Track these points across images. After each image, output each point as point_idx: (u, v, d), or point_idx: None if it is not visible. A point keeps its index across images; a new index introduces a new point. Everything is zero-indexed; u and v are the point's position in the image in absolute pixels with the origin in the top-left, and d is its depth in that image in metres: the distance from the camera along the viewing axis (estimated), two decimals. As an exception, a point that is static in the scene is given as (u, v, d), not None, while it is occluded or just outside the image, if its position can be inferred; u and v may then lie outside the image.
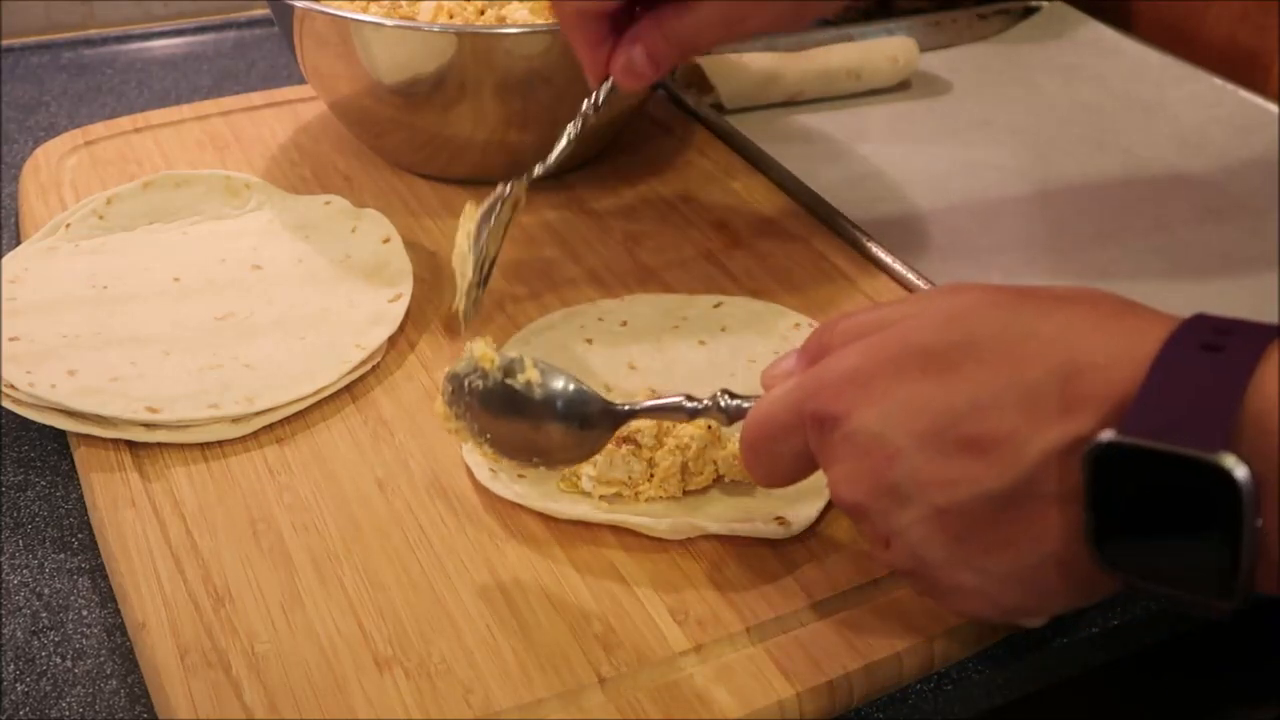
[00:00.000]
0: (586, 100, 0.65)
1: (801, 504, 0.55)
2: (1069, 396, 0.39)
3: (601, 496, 0.55)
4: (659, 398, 0.53)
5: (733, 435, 0.55)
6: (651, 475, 0.55)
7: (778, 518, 0.54)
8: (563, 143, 0.66)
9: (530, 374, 0.52)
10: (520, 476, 0.56)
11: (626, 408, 0.53)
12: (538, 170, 0.67)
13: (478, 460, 0.56)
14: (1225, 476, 0.35)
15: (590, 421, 0.52)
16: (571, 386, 0.53)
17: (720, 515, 0.55)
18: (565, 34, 0.63)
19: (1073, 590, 0.42)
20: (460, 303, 0.65)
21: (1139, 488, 0.37)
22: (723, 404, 0.51)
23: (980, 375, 0.40)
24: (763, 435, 0.47)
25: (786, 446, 0.46)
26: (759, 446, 0.47)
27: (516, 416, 0.52)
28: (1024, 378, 0.39)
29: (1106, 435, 0.37)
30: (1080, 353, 0.39)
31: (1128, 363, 0.38)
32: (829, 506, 0.55)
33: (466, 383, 0.53)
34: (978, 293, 0.43)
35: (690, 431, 0.55)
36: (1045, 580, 0.41)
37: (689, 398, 0.52)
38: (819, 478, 0.55)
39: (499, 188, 0.66)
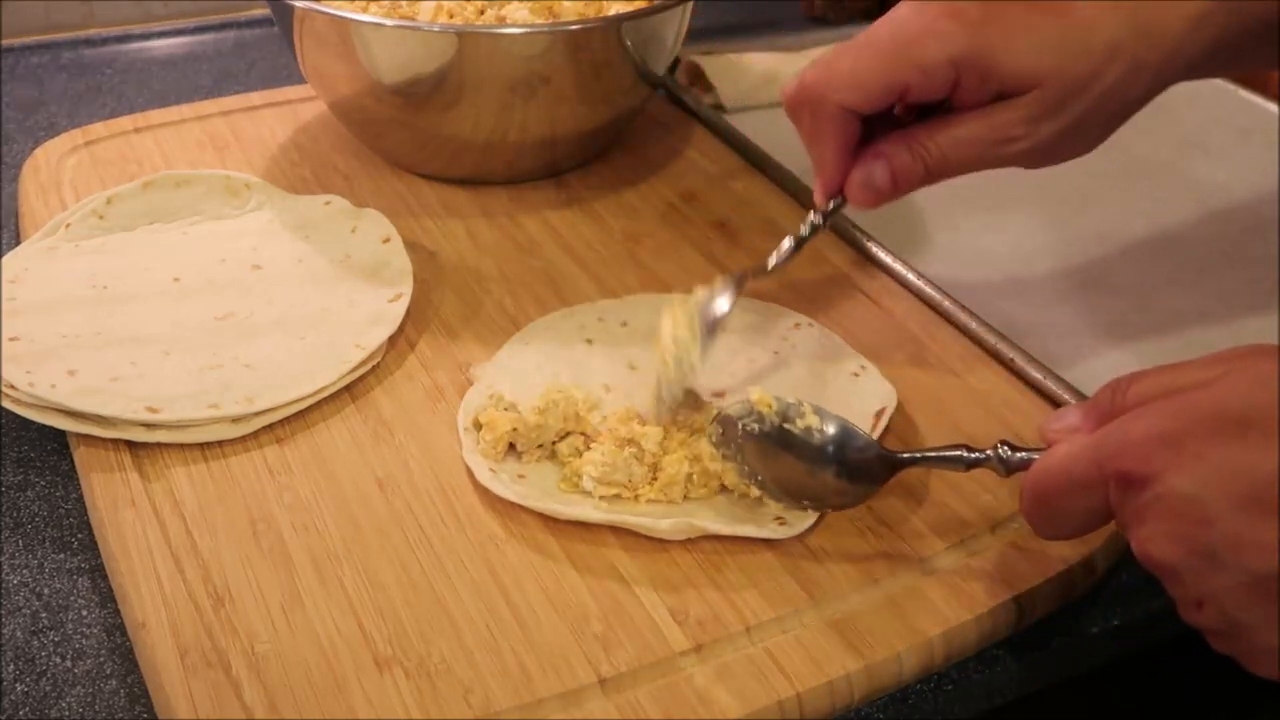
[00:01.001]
0: (810, 214, 0.62)
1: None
2: None
3: (601, 497, 0.55)
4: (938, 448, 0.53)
5: None
6: (654, 479, 0.55)
7: (778, 518, 0.54)
8: (786, 246, 0.62)
9: (810, 419, 0.54)
10: (520, 477, 0.56)
11: (905, 455, 0.54)
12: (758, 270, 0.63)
13: (478, 460, 0.56)
14: None
15: (866, 467, 0.54)
16: (850, 432, 0.54)
17: (720, 516, 0.55)
18: (808, 140, 0.59)
19: None
20: (666, 396, 0.59)
21: None
22: (1003, 455, 0.51)
23: None
24: (1055, 490, 0.46)
25: (1081, 503, 0.46)
26: (1050, 501, 0.47)
27: (792, 459, 0.54)
28: None
29: None
30: None
31: None
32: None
33: (741, 425, 0.54)
34: None
35: (705, 447, 0.56)
36: None
37: (969, 448, 0.52)
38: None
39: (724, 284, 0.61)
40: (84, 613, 0.53)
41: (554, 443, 0.58)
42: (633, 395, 0.61)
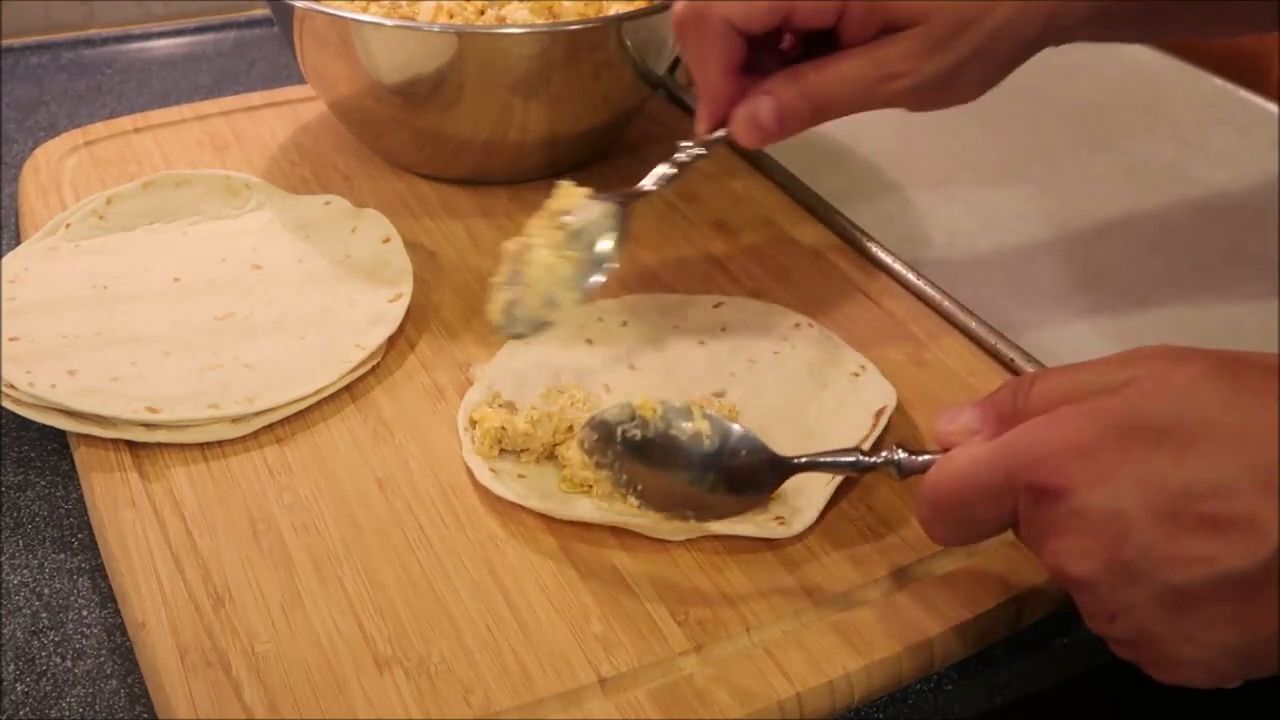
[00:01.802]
0: (690, 144, 0.60)
1: (800, 505, 0.55)
2: None
3: (600, 496, 0.55)
4: (828, 450, 0.52)
5: None
6: None
7: (777, 517, 0.54)
8: (665, 170, 0.60)
9: (700, 424, 0.52)
10: (520, 477, 0.56)
11: (797, 460, 0.52)
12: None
13: (478, 461, 0.56)
14: None
15: (757, 473, 0.52)
16: (739, 437, 0.52)
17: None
18: (692, 61, 0.58)
19: None
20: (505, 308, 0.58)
21: None
22: (898, 458, 0.49)
23: (1217, 453, 0.40)
24: (959, 497, 0.45)
25: (986, 511, 0.44)
26: (953, 508, 0.45)
27: (677, 469, 0.52)
28: (1261, 459, 0.39)
29: None
30: None
31: None
32: (828, 507, 0.55)
33: (620, 431, 0.52)
34: (1200, 363, 0.42)
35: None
36: (1269, 653, 0.41)
37: (861, 452, 0.51)
38: (819, 479, 0.55)
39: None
40: (84, 613, 0.53)
41: (555, 445, 0.58)
42: (633, 396, 0.61)
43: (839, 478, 0.55)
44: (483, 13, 0.75)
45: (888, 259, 0.72)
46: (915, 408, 0.62)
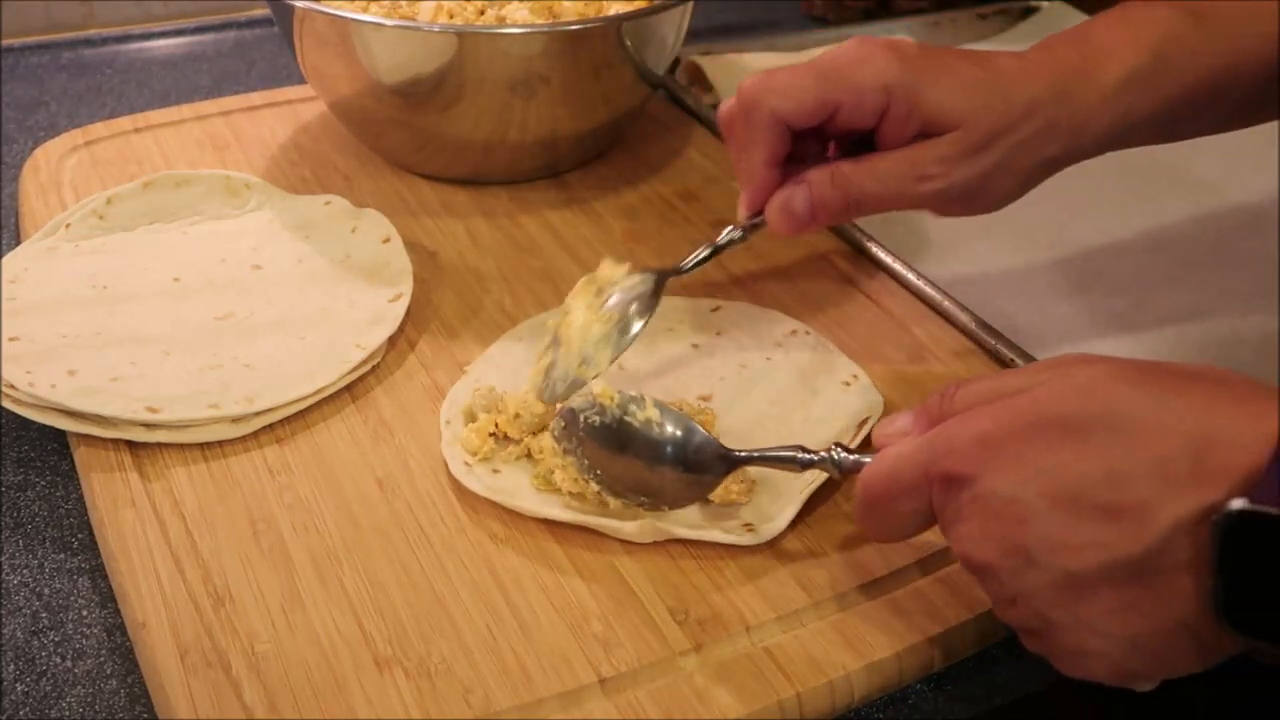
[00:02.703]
0: (730, 229, 0.63)
1: (774, 512, 0.55)
2: (1201, 469, 0.40)
3: (570, 494, 0.55)
4: (773, 447, 0.54)
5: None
6: None
7: (746, 524, 0.54)
8: (702, 253, 0.63)
9: (650, 412, 0.54)
10: (495, 473, 0.56)
11: (741, 453, 0.54)
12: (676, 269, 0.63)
13: (454, 453, 0.57)
14: None
15: (704, 465, 0.54)
16: (688, 428, 0.54)
17: (688, 520, 0.55)
18: (737, 150, 0.61)
19: (1196, 655, 0.42)
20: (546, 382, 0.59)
21: (1268, 554, 0.38)
22: (836, 457, 0.52)
23: (1115, 445, 0.41)
24: (884, 493, 0.47)
25: (909, 505, 0.47)
26: (879, 504, 0.48)
27: (631, 454, 0.54)
28: (1158, 450, 0.41)
29: (1237, 504, 0.38)
30: (1213, 429, 0.40)
31: (1259, 439, 0.39)
32: (799, 515, 0.55)
33: (583, 418, 0.54)
34: (1106, 365, 0.44)
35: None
36: (1170, 645, 0.42)
37: (804, 449, 0.53)
38: (794, 481, 0.55)
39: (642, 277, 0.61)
40: (84, 613, 0.53)
41: (538, 431, 0.58)
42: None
43: (813, 486, 0.55)
44: (483, 13, 0.75)
45: (888, 259, 0.72)
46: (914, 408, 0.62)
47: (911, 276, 0.71)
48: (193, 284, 0.67)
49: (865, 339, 0.66)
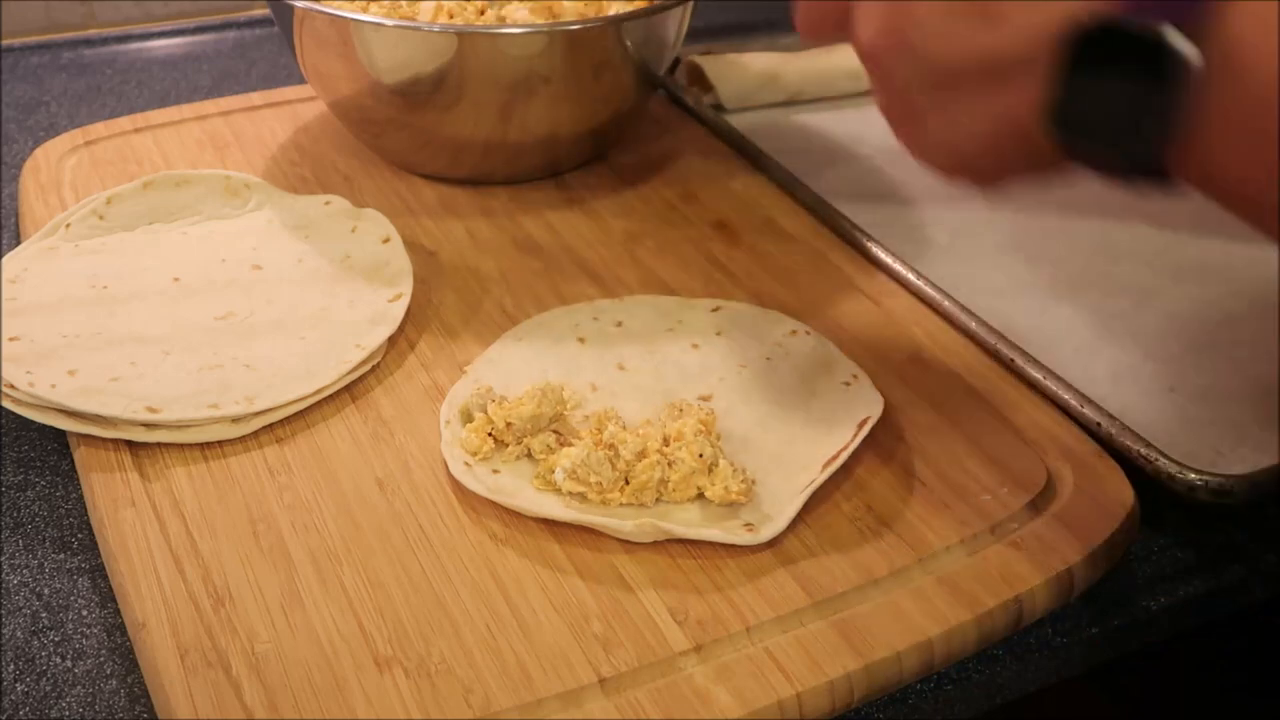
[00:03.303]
0: None
1: (774, 512, 0.55)
2: None
3: (570, 493, 0.55)
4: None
5: (724, 467, 0.55)
6: (626, 484, 0.55)
7: (746, 524, 0.54)
8: None
9: None
10: (495, 473, 0.56)
11: None
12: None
13: (454, 453, 0.57)
14: (1175, 54, 0.41)
15: None
16: None
17: (688, 520, 0.54)
18: None
19: (1026, 163, 0.46)
20: None
21: (1105, 61, 0.42)
22: None
23: None
24: None
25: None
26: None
27: None
28: None
29: (1094, 15, 0.41)
30: None
31: None
32: (799, 515, 0.55)
33: None
34: None
35: (682, 456, 0.55)
36: (1012, 147, 0.46)
37: None
38: (794, 481, 0.55)
39: None
40: (84, 613, 0.53)
41: (541, 430, 0.57)
42: (618, 395, 0.61)
43: (813, 486, 0.55)
44: (483, 13, 0.75)
45: (888, 259, 0.72)
46: (915, 408, 0.62)
47: (911, 276, 0.71)
48: (193, 284, 0.67)
49: (865, 339, 0.66)
